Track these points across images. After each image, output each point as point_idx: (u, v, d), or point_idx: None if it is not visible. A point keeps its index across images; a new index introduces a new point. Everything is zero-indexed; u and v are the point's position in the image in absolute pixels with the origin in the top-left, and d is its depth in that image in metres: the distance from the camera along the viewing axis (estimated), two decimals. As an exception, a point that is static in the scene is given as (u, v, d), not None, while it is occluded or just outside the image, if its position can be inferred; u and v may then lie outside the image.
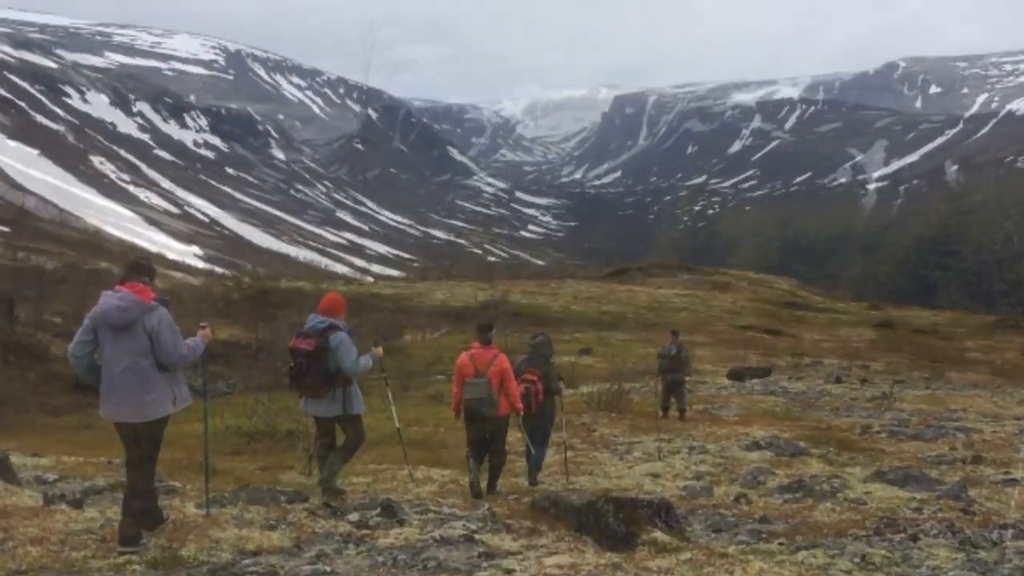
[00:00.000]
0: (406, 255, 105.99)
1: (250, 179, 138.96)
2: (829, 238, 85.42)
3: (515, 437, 8.33)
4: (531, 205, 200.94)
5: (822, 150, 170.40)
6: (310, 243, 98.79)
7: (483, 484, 7.36)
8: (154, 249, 54.51)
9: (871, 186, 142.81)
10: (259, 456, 9.75)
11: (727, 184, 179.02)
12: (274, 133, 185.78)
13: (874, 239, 77.41)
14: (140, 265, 5.06)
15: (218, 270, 54.21)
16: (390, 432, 10.83)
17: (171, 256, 55.05)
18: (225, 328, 22.40)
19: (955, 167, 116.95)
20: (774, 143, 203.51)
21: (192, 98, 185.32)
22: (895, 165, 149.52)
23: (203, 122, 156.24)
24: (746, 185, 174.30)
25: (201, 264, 58.27)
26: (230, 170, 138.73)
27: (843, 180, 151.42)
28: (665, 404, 13.62)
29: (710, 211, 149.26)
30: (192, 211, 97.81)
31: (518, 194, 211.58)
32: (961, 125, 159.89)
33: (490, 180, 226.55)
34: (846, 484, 7.60)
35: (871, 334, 34.27)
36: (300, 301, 25.10)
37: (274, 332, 21.30)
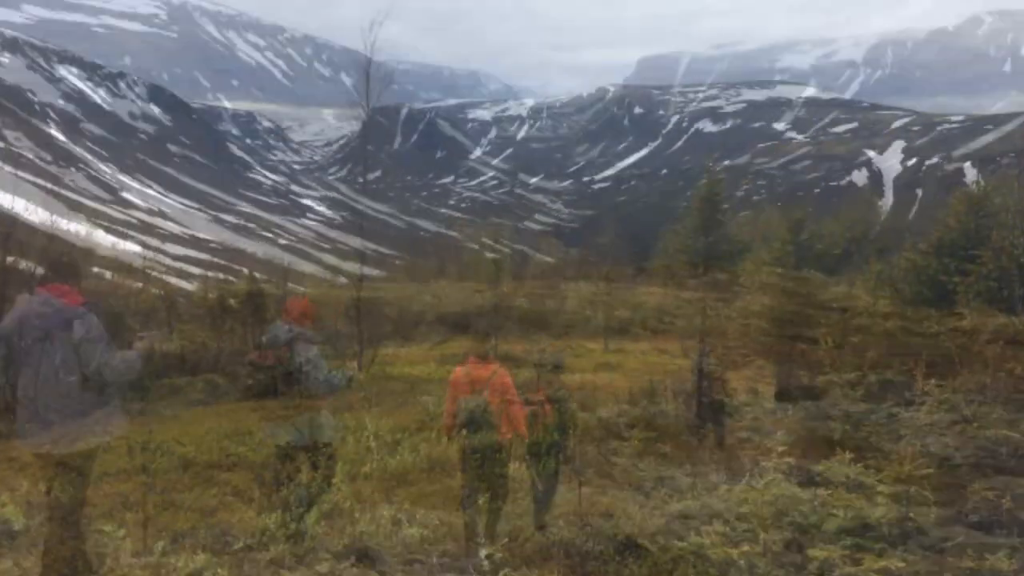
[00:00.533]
0: (388, 250, 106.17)
1: (197, 158, 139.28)
2: (844, 241, 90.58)
3: (519, 469, 8.32)
4: (538, 190, 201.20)
5: (837, 150, 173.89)
6: (268, 235, 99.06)
7: (480, 526, 7.35)
8: (83, 242, 54.63)
9: (888, 188, 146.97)
10: (211, 492, 9.75)
11: (775, 165, 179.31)
12: (226, 103, 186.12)
13: (890, 242, 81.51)
14: (65, 263, 5.07)
15: (160, 264, 54.37)
16: (368, 463, 10.85)
17: (102, 251, 55.22)
18: (174, 338, 22.39)
19: (975, 169, 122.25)
20: (832, 113, 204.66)
21: (128, 60, 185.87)
22: (913, 166, 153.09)
23: (141, 90, 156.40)
24: (799, 166, 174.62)
25: (139, 259, 58.42)
26: (173, 148, 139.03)
27: (858, 182, 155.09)
28: (699, 429, 13.60)
29: (755, 197, 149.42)
30: (128, 196, 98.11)
31: (523, 176, 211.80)
32: (982, 125, 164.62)
33: (489, 160, 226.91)
34: (920, 528, 7.58)
35: (947, 345, 34.23)
36: (261, 307, 25.16)
37: (234, 342, 21.37)
